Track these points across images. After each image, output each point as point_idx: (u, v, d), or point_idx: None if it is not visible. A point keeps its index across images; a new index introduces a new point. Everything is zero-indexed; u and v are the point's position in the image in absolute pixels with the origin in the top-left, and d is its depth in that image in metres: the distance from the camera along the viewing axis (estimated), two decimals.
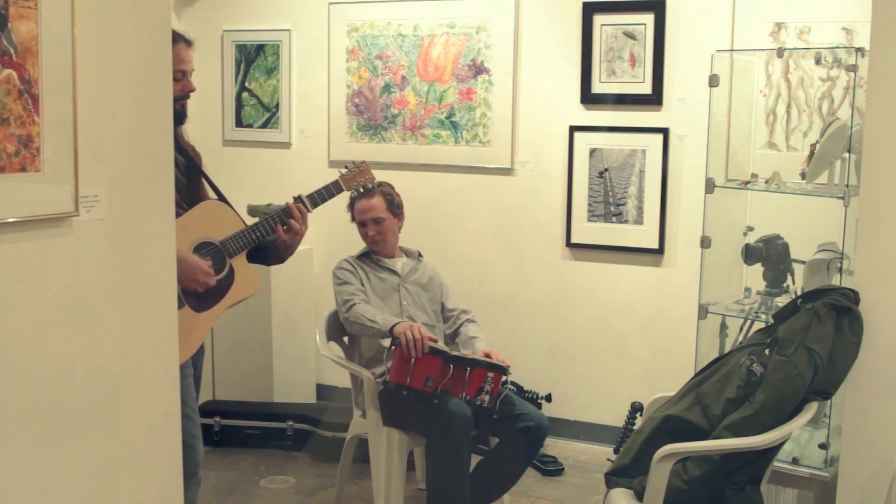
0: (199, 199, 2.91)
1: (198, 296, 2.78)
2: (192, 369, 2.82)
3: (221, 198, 2.98)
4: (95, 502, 2.08)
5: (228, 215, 2.91)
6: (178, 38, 2.74)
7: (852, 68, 3.32)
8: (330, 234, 4.99)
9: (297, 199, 3.06)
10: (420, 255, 3.96)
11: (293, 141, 5.26)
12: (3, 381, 1.85)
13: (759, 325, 3.55)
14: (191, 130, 3.00)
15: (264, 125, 5.31)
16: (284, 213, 2.99)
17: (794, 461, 3.32)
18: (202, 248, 2.84)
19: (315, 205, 3.10)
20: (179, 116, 2.83)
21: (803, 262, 3.53)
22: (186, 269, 2.68)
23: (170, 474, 2.27)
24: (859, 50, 3.27)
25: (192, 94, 2.83)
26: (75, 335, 1.99)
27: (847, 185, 3.30)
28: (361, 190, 3.34)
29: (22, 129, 1.83)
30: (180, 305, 2.70)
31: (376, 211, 3.76)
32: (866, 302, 2.81)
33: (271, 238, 2.99)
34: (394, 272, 3.81)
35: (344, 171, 3.29)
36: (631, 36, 4.45)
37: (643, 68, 4.44)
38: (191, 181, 2.90)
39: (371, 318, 3.52)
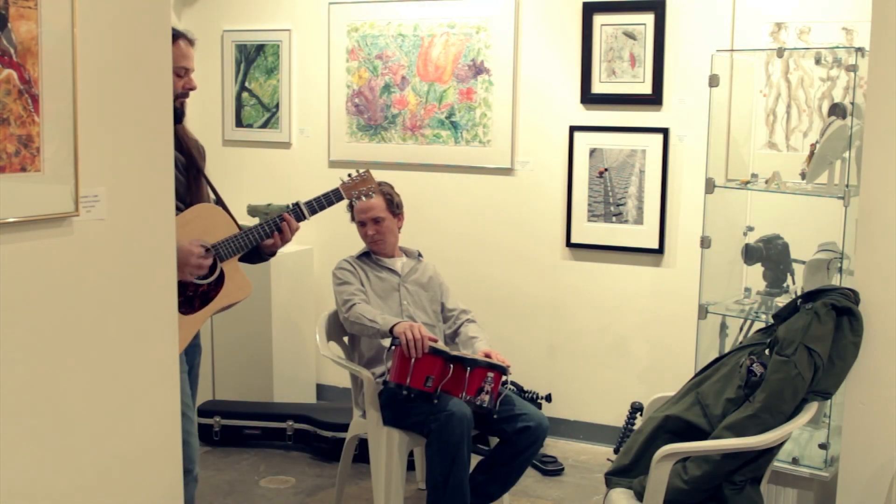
0: (199, 200, 2.90)
1: (185, 298, 2.74)
2: (185, 366, 2.81)
3: (219, 200, 2.97)
4: (95, 501, 2.08)
5: (222, 219, 2.89)
6: (180, 35, 2.76)
7: (852, 68, 3.32)
8: (330, 234, 4.99)
9: (295, 205, 3.04)
10: (420, 254, 3.96)
11: (293, 141, 5.26)
12: (3, 381, 1.85)
13: (759, 325, 3.55)
14: (191, 130, 3.00)
15: (264, 125, 5.31)
16: (281, 220, 2.97)
17: (794, 461, 3.32)
18: None
19: (313, 213, 3.09)
20: (178, 115, 2.82)
21: (803, 262, 3.53)
22: (178, 253, 2.63)
23: (170, 473, 2.28)
24: (859, 50, 3.27)
25: (191, 94, 2.83)
26: (75, 335, 1.99)
27: (847, 185, 3.30)
28: (363, 199, 3.31)
29: (22, 129, 1.83)
30: None
31: (376, 210, 3.76)
32: (866, 302, 2.81)
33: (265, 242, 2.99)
34: (394, 272, 3.81)
35: (346, 179, 3.26)
36: (631, 36, 4.45)
37: (643, 68, 4.44)
38: (191, 181, 2.89)
39: (371, 318, 3.52)
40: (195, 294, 2.78)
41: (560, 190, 4.68)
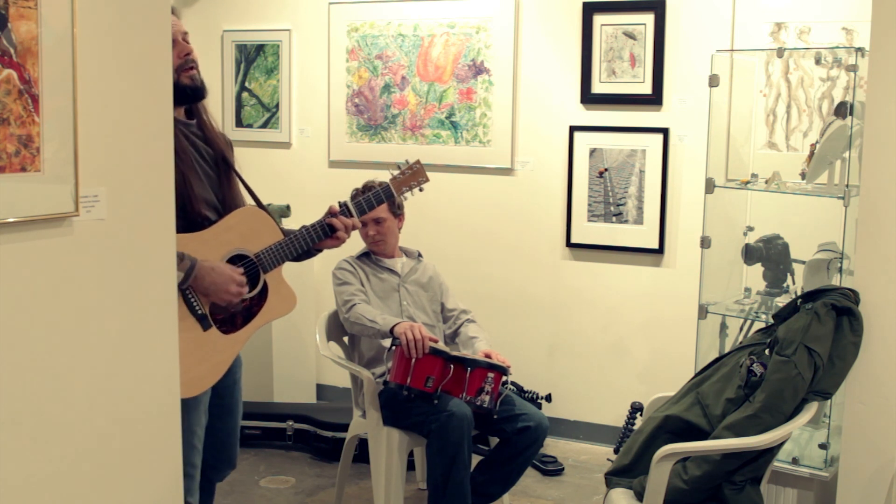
0: (232, 197, 2.70)
1: (227, 315, 2.58)
2: (208, 396, 2.64)
3: (256, 200, 2.76)
4: (95, 501, 2.08)
5: (266, 224, 2.67)
6: None
7: (852, 68, 3.32)
8: None
9: (343, 205, 2.83)
10: (420, 255, 3.96)
11: (293, 141, 5.26)
12: (3, 381, 1.85)
13: (759, 325, 3.55)
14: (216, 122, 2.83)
15: (264, 125, 5.31)
16: (330, 228, 2.77)
17: (794, 461, 3.32)
18: (235, 262, 2.62)
19: (362, 212, 2.86)
20: (192, 91, 2.57)
21: (803, 262, 3.53)
22: (217, 279, 2.49)
23: (170, 474, 2.27)
24: (859, 50, 3.27)
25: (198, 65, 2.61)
26: (75, 335, 1.99)
27: (847, 185, 3.30)
28: (413, 193, 3.05)
29: (22, 129, 1.83)
30: (207, 327, 2.53)
31: (377, 211, 3.75)
32: (866, 302, 2.81)
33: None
34: (394, 272, 3.81)
35: (396, 172, 3.02)
36: (631, 36, 4.45)
37: (643, 68, 4.44)
38: (221, 175, 2.69)
39: (371, 319, 3.52)
40: (237, 310, 2.62)
41: (560, 190, 4.68)
